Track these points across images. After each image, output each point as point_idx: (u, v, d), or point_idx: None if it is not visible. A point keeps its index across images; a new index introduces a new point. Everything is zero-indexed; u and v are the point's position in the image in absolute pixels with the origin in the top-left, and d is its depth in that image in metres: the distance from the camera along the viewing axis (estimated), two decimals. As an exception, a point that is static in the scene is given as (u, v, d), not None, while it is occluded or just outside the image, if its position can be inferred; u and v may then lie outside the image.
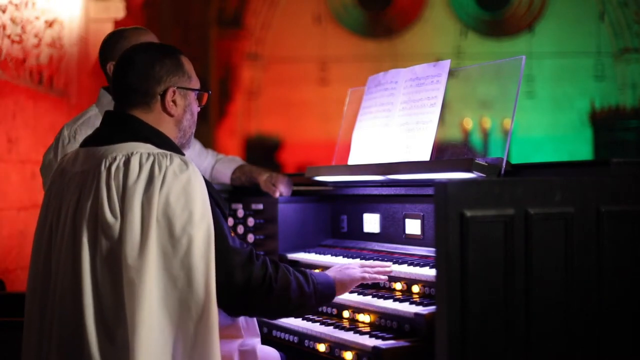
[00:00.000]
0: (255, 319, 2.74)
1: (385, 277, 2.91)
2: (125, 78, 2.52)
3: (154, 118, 2.53)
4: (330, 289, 2.69)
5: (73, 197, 2.41)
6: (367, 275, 2.81)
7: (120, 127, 2.50)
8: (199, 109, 2.66)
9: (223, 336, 2.54)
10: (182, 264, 2.29)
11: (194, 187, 2.36)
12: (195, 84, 2.62)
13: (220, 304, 2.41)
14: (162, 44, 2.68)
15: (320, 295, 2.65)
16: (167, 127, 2.55)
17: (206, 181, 2.45)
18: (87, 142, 2.55)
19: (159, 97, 2.52)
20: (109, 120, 2.57)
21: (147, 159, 2.36)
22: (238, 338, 2.66)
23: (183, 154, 2.51)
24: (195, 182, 2.37)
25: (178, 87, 2.54)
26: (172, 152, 2.42)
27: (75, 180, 2.44)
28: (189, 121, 2.61)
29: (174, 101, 2.54)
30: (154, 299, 2.26)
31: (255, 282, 2.47)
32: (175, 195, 2.32)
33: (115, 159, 2.37)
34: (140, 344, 2.23)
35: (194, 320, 2.30)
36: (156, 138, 2.49)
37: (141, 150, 2.39)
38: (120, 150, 2.40)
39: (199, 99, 2.64)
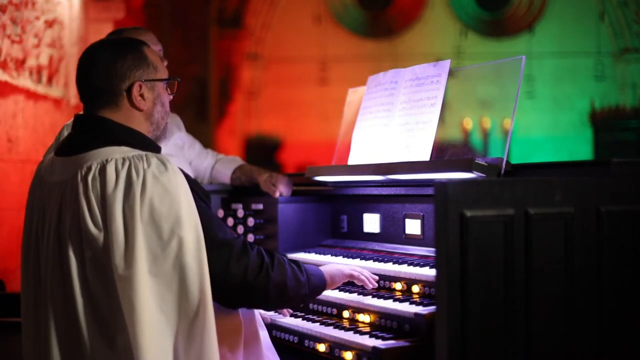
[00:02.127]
0: (256, 312, 2.74)
1: (374, 284, 2.94)
2: (89, 79, 2.45)
3: (124, 116, 2.46)
4: (321, 280, 2.71)
5: (54, 208, 2.36)
6: (355, 273, 2.85)
7: (92, 132, 2.42)
8: (171, 97, 2.58)
9: (226, 331, 2.55)
10: (174, 266, 2.25)
11: (177, 187, 2.29)
12: (163, 73, 2.54)
13: (218, 299, 2.41)
14: (123, 38, 2.60)
15: (313, 285, 2.66)
16: (139, 123, 2.48)
17: (186, 175, 2.39)
18: (61, 150, 2.47)
19: (125, 93, 2.45)
20: (79, 125, 2.48)
21: (123, 164, 2.29)
22: (239, 329, 2.64)
23: (159, 149, 2.48)
24: (177, 181, 2.30)
25: (145, 80, 2.47)
26: (147, 152, 2.35)
27: (55, 192, 2.39)
28: (160, 113, 2.54)
29: (141, 95, 2.47)
30: (151, 304, 2.23)
31: (252, 272, 2.46)
32: (159, 198, 2.26)
33: (90, 168, 2.30)
34: (144, 349, 2.21)
35: (190, 319, 2.28)
36: (130, 138, 2.42)
37: (116, 155, 2.32)
38: (95, 157, 2.33)
39: (170, 87, 2.57)
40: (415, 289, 2.88)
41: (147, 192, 2.25)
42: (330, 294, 3.04)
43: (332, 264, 2.89)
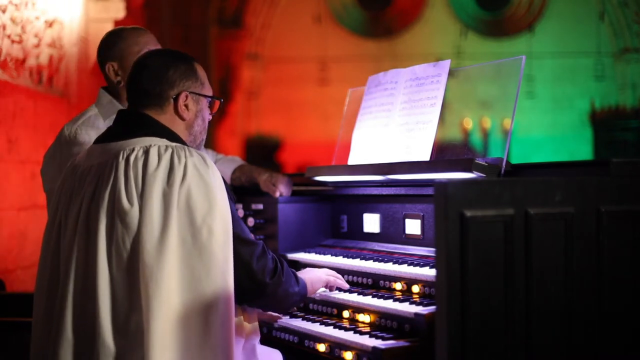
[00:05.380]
0: (256, 320, 2.77)
1: (347, 285, 3.06)
2: (140, 81, 2.59)
3: (167, 120, 2.59)
4: (305, 288, 2.84)
5: (88, 188, 2.47)
6: (331, 279, 3.01)
7: (136, 123, 2.56)
8: (210, 116, 2.72)
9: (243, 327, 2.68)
10: (201, 254, 2.36)
11: (215, 181, 2.44)
12: (208, 91, 2.68)
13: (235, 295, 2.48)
14: (177, 51, 2.75)
15: (301, 294, 2.80)
16: (179, 130, 2.62)
17: None
18: (101, 139, 2.60)
19: (172, 100, 2.59)
20: (123, 118, 2.63)
21: (166, 150, 2.44)
22: (240, 337, 2.68)
23: None
24: (216, 176, 2.45)
25: (191, 92, 2.60)
26: (189, 147, 2.52)
27: (91, 173, 2.50)
28: (200, 127, 2.67)
29: (186, 105, 2.60)
30: (173, 283, 2.32)
31: (269, 273, 2.59)
32: (197, 187, 2.40)
33: (133, 150, 2.45)
34: (156, 327, 2.28)
35: (210, 309, 2.36)
36: (169, 136, 2.56)
37: (159, 143, 2.47)
38: (138, 143, 2.48)
39: (211, 106, 2.70)
40: (415, 289, 2.88)
41: (187, 179, 2.39)
42: (330, 294, 3.05)
43: (311, 270, 3.00)
